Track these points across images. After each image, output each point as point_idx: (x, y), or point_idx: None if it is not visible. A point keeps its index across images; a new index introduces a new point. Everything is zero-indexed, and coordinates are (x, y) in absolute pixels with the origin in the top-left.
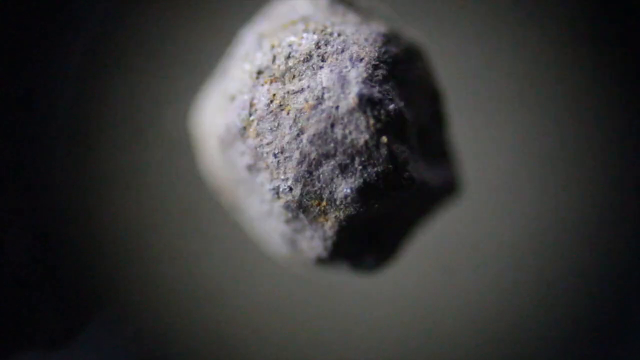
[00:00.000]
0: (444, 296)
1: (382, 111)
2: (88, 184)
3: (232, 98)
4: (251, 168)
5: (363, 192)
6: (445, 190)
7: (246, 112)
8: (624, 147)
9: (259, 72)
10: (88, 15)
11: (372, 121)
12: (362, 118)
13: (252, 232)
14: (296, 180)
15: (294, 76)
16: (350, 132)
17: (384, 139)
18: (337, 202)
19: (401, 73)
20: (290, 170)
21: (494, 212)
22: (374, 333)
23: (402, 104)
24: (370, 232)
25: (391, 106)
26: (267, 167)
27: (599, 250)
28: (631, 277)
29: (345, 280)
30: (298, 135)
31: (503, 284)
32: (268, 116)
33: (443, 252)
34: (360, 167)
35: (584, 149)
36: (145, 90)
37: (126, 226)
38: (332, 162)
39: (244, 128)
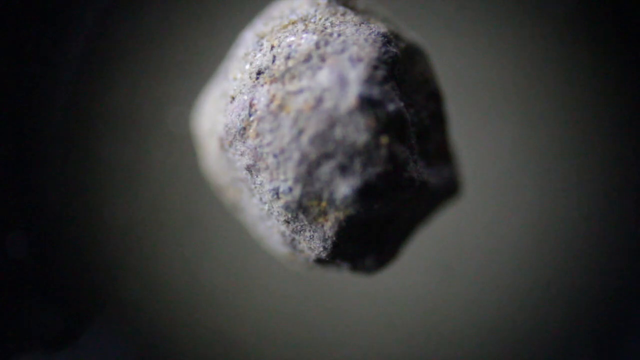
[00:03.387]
0: (444, 296)
1: (382, 112)
2: (89, 184)
3: (232, 98)
4: (251, 168)
5: (363, 193)
6: (445, 190)
7: (246, 112)
8: (624, 146)
9: (259, 73)
10: (89, 15)
11: (372, 122)
12: (362, 118)
13: (253, 232)
14: (296, 180)
15: (293, 77)
16: (350, 133)
17: (384, 139)
18: (337, 203)
19: (401, 73)
20: (290, 171)
21: (494, 212)
22: (374, 333)
23: (402, 104)
24: (370, 232)
25: (391, 106)
26: (267, 167)
27: (599, 250)
28: (631, 277)
29: (345, 280)
30: (298, 135)
31: (503, 283)
32: (268, 116)
33: (443, 252)
34: (360, 168)
35: (584, 148)
36: (147, 90)
37: (127, 226)
38: (332, 163)
39: (244, 128)
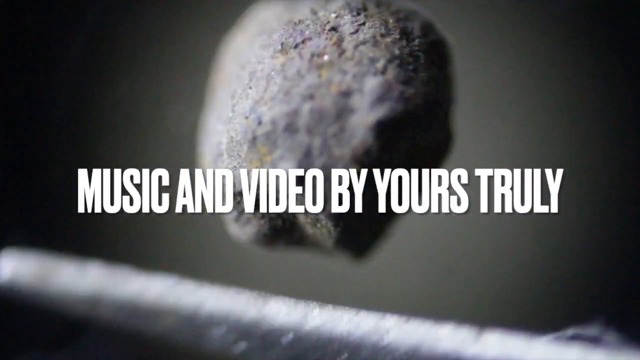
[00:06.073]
0: (444, 296)
1: None
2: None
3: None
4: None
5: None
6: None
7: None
8: (625, 147)
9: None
10: (89, 15)
11: None
12: None
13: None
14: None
15: None
16: None
17: None
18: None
19: None
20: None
21: (495, 212)
22: None
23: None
24: None
25: None
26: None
27: (599, 250)
28: (631, 278)
29: (345, 280)
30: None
31: (503, 283)
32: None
33: (443, 252)
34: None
35: (585, 148)
36: (147, 90)
37: (127, 225)
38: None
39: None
